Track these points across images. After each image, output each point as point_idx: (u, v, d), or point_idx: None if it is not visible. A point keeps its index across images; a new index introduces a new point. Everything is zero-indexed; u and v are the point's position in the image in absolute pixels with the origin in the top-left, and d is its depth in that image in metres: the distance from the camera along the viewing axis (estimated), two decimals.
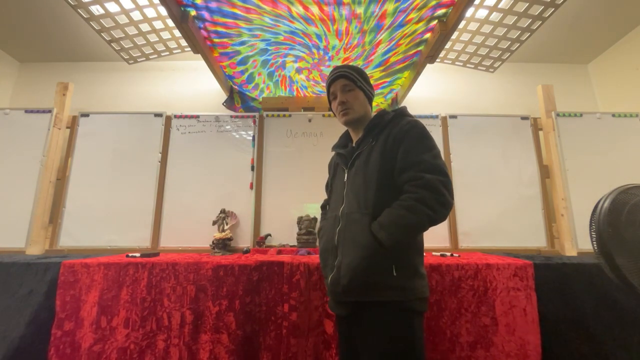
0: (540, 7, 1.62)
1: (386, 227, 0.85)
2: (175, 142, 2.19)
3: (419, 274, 0.91)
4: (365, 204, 0.92)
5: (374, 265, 0.86)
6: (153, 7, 1.75)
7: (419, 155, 0.90)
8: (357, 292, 0.88)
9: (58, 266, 1.38)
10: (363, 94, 1.06)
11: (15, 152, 2.08)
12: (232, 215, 2.03)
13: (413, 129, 0.94)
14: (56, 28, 2.39)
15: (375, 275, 0.87)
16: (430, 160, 0.90)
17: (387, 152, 0.94)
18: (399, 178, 0.91)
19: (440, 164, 0.90)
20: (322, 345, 1.28)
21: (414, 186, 0.87)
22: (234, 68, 2.20)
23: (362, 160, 0.98)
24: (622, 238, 1.02)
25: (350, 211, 0.94)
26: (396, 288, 0.86)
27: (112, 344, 1.29)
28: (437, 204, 0.84)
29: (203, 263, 1.38)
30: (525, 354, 1.28)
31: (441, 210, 0.85)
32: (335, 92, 1.07)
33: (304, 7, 1.63)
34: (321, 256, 1.02)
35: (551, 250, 2.02)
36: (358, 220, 0.91)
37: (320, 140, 2.21)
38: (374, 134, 1.01)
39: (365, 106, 1.07)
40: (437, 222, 0.86)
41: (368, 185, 0.93)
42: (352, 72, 1.05)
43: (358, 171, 0.98)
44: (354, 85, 1.05)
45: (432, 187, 0.85)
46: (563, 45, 2.59)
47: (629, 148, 2.13)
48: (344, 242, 0.92)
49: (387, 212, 0.87)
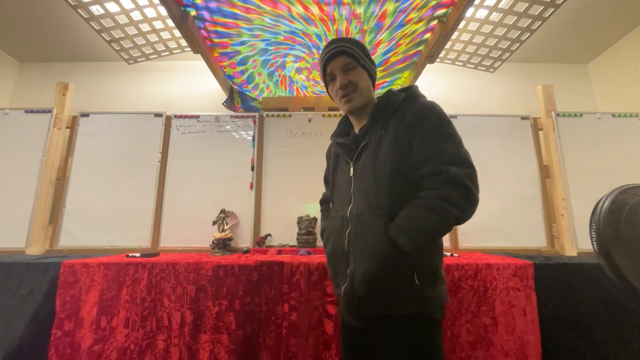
0: (540, 7, 1.62)
1: (406, 230, 0.74)
2: (175, 142, 2.19)
3: (440, 277, 0.81)
4: (378, 204, 0.79)
5: (393, 274, 0.76)
6: (153, 7, 1.75)
7: (440, 145, 0.77)
8: (375, 306, 0.78)
9: (58, 266, 1.38)
10: (367, 74, 0.90)
11: (15, 152, 2.08)
12: (232, 215, 2.03)
13: (430, 113, 0.80)
14: (56, 28, 2.39)
15: (395, 286, 0.76)
16: (453, 149, 0.77)
17: (401, 142, 0.80)
18: (417, 172, 0.78)
19: (464, 153, 0.78)
20: (322, 345, 1.28)
21: (437, 181, 0.74)
22: (234, 68, 2.20)
23: (371, 152, 0.84)
24: (622, 238, 1.02)
25: (360, 212, 0.82)
26: (418, 298, 0.76)
27: (112, 344, 1.29)
28: (464, 202, 0.73)
29: (203, 263, 1.38)
30: (524, 354, 1.28)
31: (469, 208, 0.74)
32: (333, 72, 0.90)
33: (304, 7, 1.63)
34: (329, 262, 0.91)
35: (551, 250, 2.02)
36: (370, 223, 0.79)
37: (320, 140, 2.21)
38: (382, 120, 0.86)
39: (369, 89, 0.91)
40: (463, 222, 0.76)
41: (379, 182, 0.80)
42: (353, 47, 0.88)
43: (366, 165, 0.84)
44: (357, 64, 0.88)
45: (458, 182, 0.73)
46: (563, 45, 2.59)
47: (629, 148, 2.13)
48: (356, 247, 0.81)
49: (407, 213, 0.76)
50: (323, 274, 1.34)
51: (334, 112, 2.27)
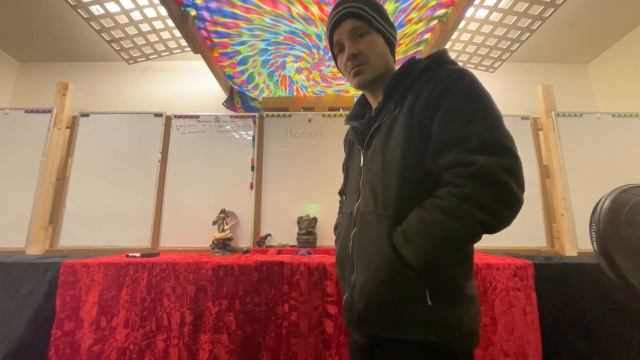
0: (540, 7, 1.62)
1: (414, 239, 0.58)
2: (175, 142, 2.19)
3: (466, 297, 0.62)
4: (385, 201, 0.64)
5: (398, 291, 0.61)
6: (153, 7, 1.75)
7: (466, 126, 0.58)
8: (377, 325, 0.64)
9: (58, 266, 1.38)
10: (382, 39, 0.72)
11: (15, 152, 2.08)
12: (232, 215, 2.03)
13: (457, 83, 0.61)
14: (56, 28, 2.39)
15: (401, 304, 0.61)
16: (484, 132, 0.57)
17: (416, 123, 0.63)
18: (436, 162, 0.61)
19: (501, 137, 0.58)
20: (322, 345, 1.28)
21: (459, 176, 0.57)
22: (234, 68, 2.20)
23: (382, 137, 0.69)
24: (622, 238, 1.02)
25: (366, 210, 0.68)
26: (431, 323, 0.59)
27: (111, 344, 1.29)
28: (497, 203, 0.55)
29: (203, 263, 1.38)
30: (524, 354, 1.28)
31: (504, 212, 0.56)
32: (341, 40, 0.73)
33: (304, 7, 1.63)
34: (337, 264, 0.78)
35: (551, 250, 2.02)
36: (374, 224, 0.65)
37: (320, 140, 2.21)
38: (397, 97, 0.69)
39: (386, 57, 0.73)
40: (496, 231, 0.58)
41: (388, 175, 0.64)
42: (363, 6, 0.70)
43: (376, 153, 0.69)
44: (369, 28, 0.70)
45: (488, 177, 0.55)
46: (563, 45, 2.59)
47: (629, 148, 2.13)
48: (359, 252, 0.68)
49: (417, 215, 0.60)
50: (323, 274, 1.34)
51: (334, 112, 2.27)
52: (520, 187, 0.57)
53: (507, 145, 0.58)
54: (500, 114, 0.61)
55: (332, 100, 2.35)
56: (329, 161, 2.14)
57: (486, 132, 0.58)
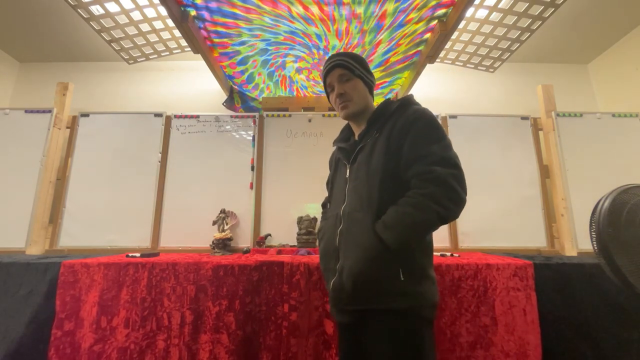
0: (540, 7, 1.62)
1: (392, 226, 0.78)
2: (175, 142, 2.19)
3: (429, 277, 0.84)
4: (369, 202, 0.84)
5: (379, 269, 0.80)
6: (153, 7, 1.75)
7: (428, 147, 0.82)
8: (362, 300, 0.82)
9: (58, 266, 1.38)
10: (362, 83, 0.98)
11: (15, 152, 2.08)
12: (232, 215, 2.03)
13: (420, 118, 0.86)
14: (56, 28, 2.39)
15: (381, 280, 0.80)
16: (439, 152, 0.82)
17: (392, 145, 0.86)
18: (406, 173, 0.84)
19: (451, 155, 0.83)
20: (322, 345, 1.28)
21: (422, 180, 0.80)
22: (234, 68, 2.20)
23: (365, 154, 0.91)
24: (622, 238, 1.02)
25: (352, 210, 0.87)
26: (404, 294, 0.79)
27: (112, 344, 1.29)
28: (447, 201, 0.77)
29: (203, 263, 1.38)
30: (524, 354, 1.28)
31: (452, 207, 0.78)
32: (332, 83, 0.99)
33: (304, 7, 1.63)
34: (322, 259, 0.96)
35: (551, 250, 2.02)
36: (360, 220, 0.84)
37: (320, 140, 2.21)
38: (378, 126, 0.93)
39: (365, 97, 0.99)
40: (448, 221, 0.80)
41: (371, 182, 0.86)
42: (348, 60, 0.96)
43: (361, 166, 0.91)
44: (352, 75, 0.96)
45: (442, 182, 0.78)
46: (563, 45, 2.59)
47: (629, 148, 2.13)
48: (346, 243, 0.86)
49: (393, 210, 0.80)
50: None
51: (334, 112, 2.26)
52: (464, 191, 0.80)
53: (455, 161, 0.83)
54: (449, 140, 0.86)
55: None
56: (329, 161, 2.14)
57: (442, 151, 0.82)
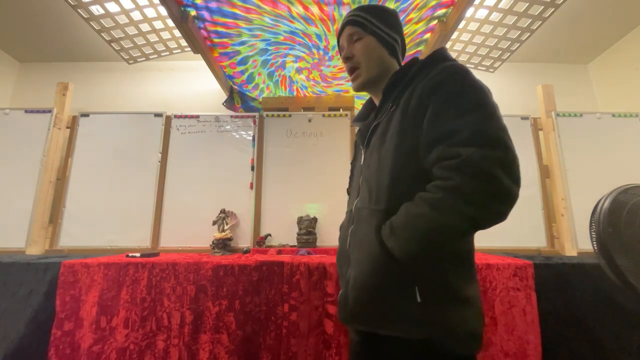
0: (540, 7, 1.62)
1: (399, 232, 0.58)
2: (175, 142, 2.19)
3: (460, 298, 0.59)
4: (377, 197, 0.64)
5: (387, 286, 0.60)
6: (153, 7, 1.75)
7: (457, 119, 0.57)
8: (365, 321, 0.64)
9: (58, 266, 1.38)
10: (377, 41, 0.74)
11: (15, 152, 2.08)
12: (232, 215, 2.03)
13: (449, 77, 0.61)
14: (56, 28, 2.39)
15: (390, 300, 0.59)
16: (474, 124, 0.55)
17: (410, 119, 0.63)
18: (427, 157, 0.60)
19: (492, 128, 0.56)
20: (322, 345, 1.28)
21: (446, 168, 0.55)
22: (234, 68, 2.20)
23: (379, 134, 0.70)
24: (622, 238, 1.02)
25: (361, 205, 0.69)
26: (420, 321, 0.57)
27: (111, 344, 1.29)
28: (485, 197, 0.53)
29: (203, 263, 1.38)
30: (524, 354, 1.28)
31: (493, 205, 0.53)
32: (343, 45, 0.79)
33: (304, 7, 1.63)
34: (337, 261, 0.80)
35: (551, 250, 2.02)
36: (367, 219, 0.66)
37: (320, 140, 2.21)
38: (394, 95, 0.70)
39: (381, 58, 0.75)
40: (487, 225, 0.54)
41: (382, 171, 0.65)
42: (361, 14, 0.75)
43: (373, 151, 0.70)
44: (364, 32, 0.74)
45: (476, 169, 0.52)
46: (563, 45, 2.59)
47: (629, 148, 2.13)
48: (354, 248, 0.69)
49: (403, 209, 0.59)
50: (323, 274, 1.34)
51: (334, 112, 2.27)
52: (513, 180, 0.54)
53: (498, 135, 0.55)
54: (495, 106, 0.59)
55: (332, 100, 2.35)
56: (329, 161, 2.14)
57: (476, 124, 0.56)
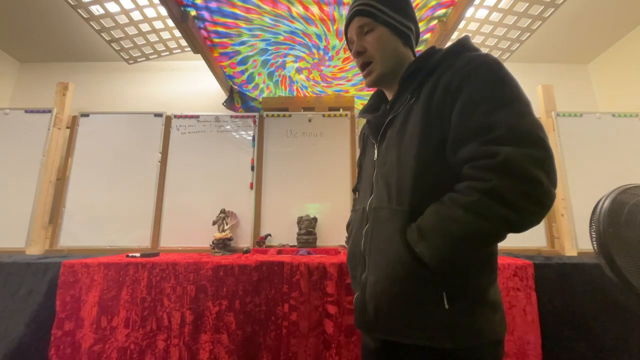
0: (540, 7, 1.62)
1: (430, 236, 0.54)
2: (175, 142, 2.19)
3: (488, 302, 0.57)
4: (399, 196, 0.60)
5: (412, 292, 0.57)
6: (153, 7, 1.75)
7: (490, 114, 0.53)
8: (386, 329, 0.60)
9: (58, 266, 1.38)
10: (389, 31, 0.69)
11: (15, 152, 2.08)
12: (232, 215, 2.03)
13: (479, 68, 0.57)
14: (56, 28, 2.39)
15: (415, 307, 0.57)
16: (509, 119, 0.52)
17: (434, 112, 0.59)
18: (456, 154, 0.56)
19: (528, 124, 0.53)
20: (322, 345, 1.28)
21: (482, 169, 0.52)
22: (234, 68, 2.21)
23: (397, 128, 0.65)
24: (622, 238, 1.02)
25: (379, 205, 0.65)
26: (448, 328, 0.55)
27: (112, 344, 1.29)
28: (524, 199, 0.49)
29: (203, 263, 1.38)
30: (525, 354, 1.28)
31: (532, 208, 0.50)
32: (352, 39, 0.74)
33: (304, 7, 1.63)
34: (348, 263, 0.75)
35: (551, 250, 2.02)
36: (387, 220, 0.61)
37: (320, 140, 2.21)
38: (413, 86, 0.65)
39: (395, 50, 0.70)
40: (523, 229, 0.52)
41: (403, 167, 0.61)
42: (371, 2, 0.69)
43: (390, 146, 0.66)
44: (375, 23, 0.69)
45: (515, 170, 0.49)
46: (563, 45, 2.59)
47: (629, 148, 2.13)
48: (371, 250, 0.64)
49: (433, 211, 0.56)
50: (323, 274, 1.34)
51: (334, 112, 2.27)
52: (551, 182, 0.51)
53: (537, 134, 0.52)
54: (529, 101, 0.56)
55: (332, 100, 2.35)
56: (329, 161, 2.14)
57: (512, 120, 0.53)
